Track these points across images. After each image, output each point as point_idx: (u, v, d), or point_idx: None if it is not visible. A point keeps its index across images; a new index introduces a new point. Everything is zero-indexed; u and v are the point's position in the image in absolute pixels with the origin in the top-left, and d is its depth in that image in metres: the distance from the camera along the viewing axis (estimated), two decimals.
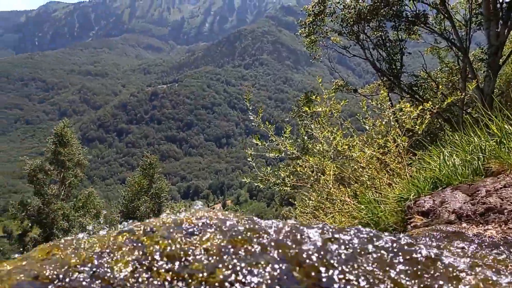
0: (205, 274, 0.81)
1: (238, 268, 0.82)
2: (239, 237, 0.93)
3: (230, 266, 0.82)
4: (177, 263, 0.84)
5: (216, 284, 0.78)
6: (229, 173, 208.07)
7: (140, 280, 0.80)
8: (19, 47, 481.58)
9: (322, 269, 0.83)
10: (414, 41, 14.54)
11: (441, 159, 2.80)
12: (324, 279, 0.81)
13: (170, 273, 0.81)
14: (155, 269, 0.83)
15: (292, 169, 4.13)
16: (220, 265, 0.83)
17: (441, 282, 0.81)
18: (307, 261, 0.85)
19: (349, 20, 11.05)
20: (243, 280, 0.79)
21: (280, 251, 0.88)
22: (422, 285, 0.80)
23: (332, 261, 0.86)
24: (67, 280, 0.80)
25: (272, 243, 0.91)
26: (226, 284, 0.78)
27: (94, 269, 0.83)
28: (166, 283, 0.79)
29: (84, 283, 0.79)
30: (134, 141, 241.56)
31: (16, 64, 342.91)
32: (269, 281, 0.79)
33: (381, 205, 2.90)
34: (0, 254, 75.74)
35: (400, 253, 0.91)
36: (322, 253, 0.89)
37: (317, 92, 16.40)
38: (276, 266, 0.83)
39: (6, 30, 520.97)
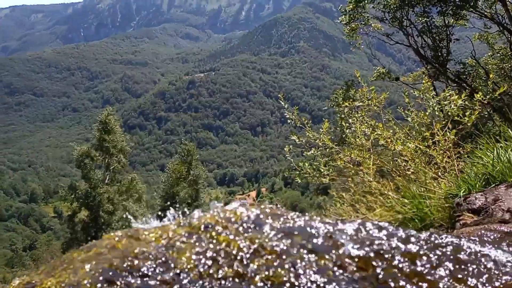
0: (266, 273, 0.80)
1: (300, 269, 0.80)
2: (296, 233, 0.91)
3: (290, 266, 0.81)
4: (237, 261, 0.83)
5: (279, 284, 0.77)
6: (264, 161, 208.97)
7: (203, 275, 0.81)
8: (67, 38, 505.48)
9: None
10: (461, 26, 13.70)
11: (495, 154, 2.64)
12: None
13: (231, 269, 0.82)
14: (216, 265, 0.83)
15: (330, 160, 4.09)
16: (281, 265, 0.81)
17: None
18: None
19: (392, 6, 10.60)
20: (307, 282, 0.77)
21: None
22: None
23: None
24: (136, 270, 0.83)
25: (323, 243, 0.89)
26: (288, 284, 0.77)
27: (160, 261, 0.84)
28: (229, 280, 0.79)
29: (151, 273, 0.81)
30: (172, 129, 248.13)
31: (63, 54, 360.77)
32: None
33: (427, 200, 2.81)
34: (52, 233, 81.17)
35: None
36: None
37: (356, 81, 15.98)
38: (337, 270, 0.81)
39: (56, 22, 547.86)
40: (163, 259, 0.86)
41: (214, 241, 0.90)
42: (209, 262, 0.85)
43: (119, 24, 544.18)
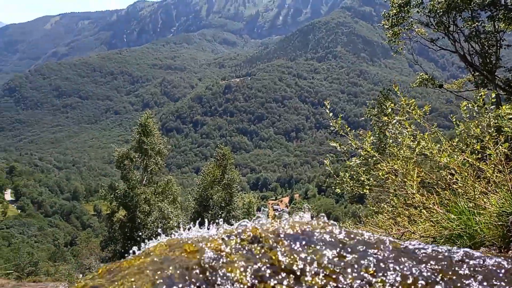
0: None
1: None
2: (355, 250, 0.87)
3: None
4: (289, 277, 0.80)
5: None
6: (298, 167, 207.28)
7: None
8: (111, 44, 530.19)
9: None
10: None
11: None
12: None
13: (282, 286, 0.79)
14: (268, 280, 0.81)
15: (371, 170, 3.95)
16: (337, 284, 0.77)
17: None
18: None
19: (438, 11, 10.16)
20: None
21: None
22: None
23: None
24: (194, 281, 0.83)
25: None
26: None
27: (215, 274, 0.84)
28: None
29: (205, 286, 0.81)
30: (208, 132, 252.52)
31: (107, 59, 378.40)
32: None
33: (476, 216, 2.67)
34: (92, 230, 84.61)
35: None
36: None
37: (393, 90, 15.41)
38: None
39: (101, 28, 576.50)
40: (217, 271, 0.85)
41: (265, 255, 0.88)
42: (261, 277, 0.82)
43: (159, 30, 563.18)
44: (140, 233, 19.65)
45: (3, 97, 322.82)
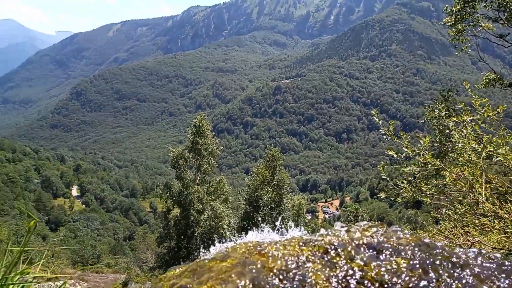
0: None
1: None
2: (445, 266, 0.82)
3: None
4: None
5: None
6: (349, 169, 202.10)
7: None
8: (166, 48, 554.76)
9: None
10: None
11: None
12: None
13: None
14: None
15: (431, 177, 3.73)
16: None
17: None
18: None
19: (508, 4, 9.33)
20: None
21: None
22: None
23: None
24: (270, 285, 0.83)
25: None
26: None
27: (296, 282, 0.82)
28: None
29: None
30: (257, 133, 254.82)
31: (163, 63, 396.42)
32: None
33: None
34: (148, 226, 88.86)
35: None
36: None
37: (455, 90, 14.40)
38: None
39: (157, 34, 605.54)
40: (298, 279, 0.83)
41: (347, 264, 0.85)
42: (345, 287, 0.80)
43: (212, 34, 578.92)
44: (195, 231, 20.29)
45: (71, 100, 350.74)
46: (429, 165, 3.55)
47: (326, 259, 0.92)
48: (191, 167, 22.76)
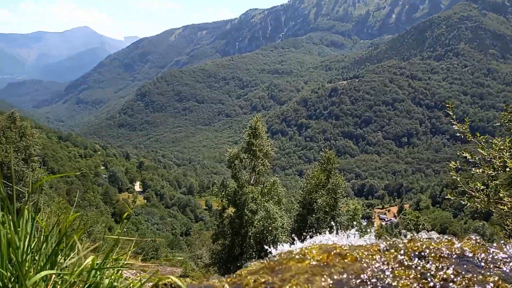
0: None
1: None
2: None
3: None
4: None
5: None
6: (409, 175, 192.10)
7: None
8: (224, 51, 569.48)
9: None
10: None
11: None
12: None
13: None
14: None
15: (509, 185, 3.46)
16: None
17: None
18: None
19: None
20: None
21: None
22: None
23: None
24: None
25: None
26: None
27: (378, 285, 0.80)
28: None
29: None
30: (312, 136, 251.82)
31: (221, 65, 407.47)
32: None
33: None
34: (203, 223, 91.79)
35: None
36: None
37: None
38: None
39: (216, 37, 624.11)
40: (381, 285, 0.81)
41: (437, 273, 0.81)
42: None
43: (269, 36, 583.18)
44: (248, 230, 20.65)
45: (136, 101, 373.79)
46: (508, 168, 3.32)
47: (412, 266, 0.88)
48: (245, 168, 23.12)
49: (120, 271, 1.67)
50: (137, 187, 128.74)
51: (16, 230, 1.47)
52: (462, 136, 3.63)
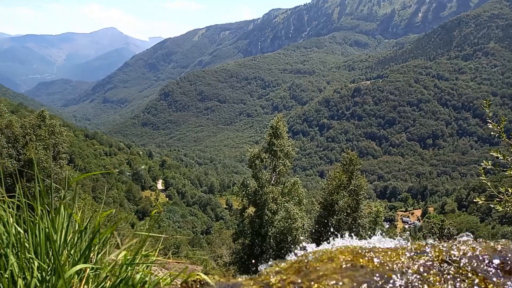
0: None
1: None
2: None
3: None
4: None
5: None
6: (434, 178, 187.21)
7: None
8: (247, 51, 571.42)
9: None
10: None
11: None
12: None
13: None
14: None
15: None
16: None
17: None
18: None
19: None
20: None
21: None
22: None
23: None
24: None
25: None
26: None
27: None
28: None
29: None
30: (334, 136, 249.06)
31: (243, 66, 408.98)
32: None
33: None
34: (223, 222, 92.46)
35: None
36: None
37: None
38: None
39: (239, 37, 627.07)
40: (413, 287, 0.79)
41: (465, 278, 0.80)
42: None
43: (291, 36, 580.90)
44: (268, 230, 20.66)
45: (159, 101, 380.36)
46: None
47: (444, 271, 0.85)
48: (266, 168, 23.14)
49: (149, 267, 1.72)
50: (160, 185, 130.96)
51: (53, 225, 1.52)
52: (497, 135, 3.50)
